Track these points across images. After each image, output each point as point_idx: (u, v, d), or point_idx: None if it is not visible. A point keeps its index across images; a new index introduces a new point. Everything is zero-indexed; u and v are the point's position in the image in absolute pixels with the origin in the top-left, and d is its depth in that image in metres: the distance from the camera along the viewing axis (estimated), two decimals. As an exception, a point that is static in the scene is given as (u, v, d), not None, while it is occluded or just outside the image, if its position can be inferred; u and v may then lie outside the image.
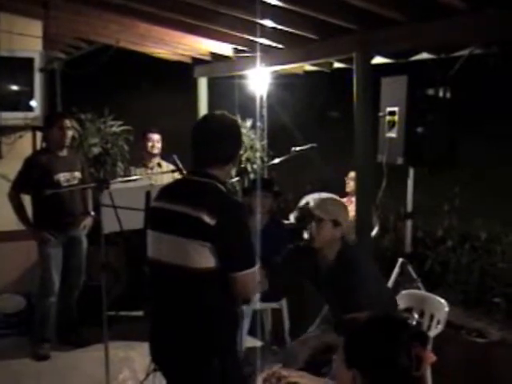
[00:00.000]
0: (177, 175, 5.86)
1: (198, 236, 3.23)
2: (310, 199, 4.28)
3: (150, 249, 3.52)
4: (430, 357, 2.30)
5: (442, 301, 5.17)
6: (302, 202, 4.30)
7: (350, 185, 7.66)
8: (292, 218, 4.34)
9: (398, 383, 2.25)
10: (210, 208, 3.23)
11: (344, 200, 7.40)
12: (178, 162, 5.56)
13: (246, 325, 6.10)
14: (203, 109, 9.56)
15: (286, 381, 3.29)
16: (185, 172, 5.36)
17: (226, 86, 9.34)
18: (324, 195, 4.32)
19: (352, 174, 7.40)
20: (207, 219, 3.20)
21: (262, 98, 8.08)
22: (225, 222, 3.22)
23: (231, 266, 3.28)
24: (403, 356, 2.24)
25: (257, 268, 3.33)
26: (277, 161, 7.14)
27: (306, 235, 4.23)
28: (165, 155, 7.65)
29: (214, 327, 3.36)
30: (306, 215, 4.20)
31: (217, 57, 8.70)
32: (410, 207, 6.32)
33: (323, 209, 4.19)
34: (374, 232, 7.32)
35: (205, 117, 3.79)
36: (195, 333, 3.35)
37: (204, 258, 3.23)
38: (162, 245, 3.44)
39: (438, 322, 5.14)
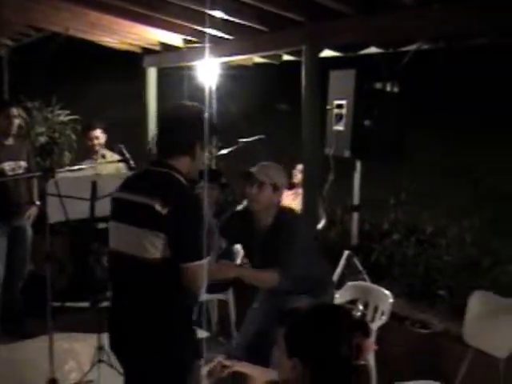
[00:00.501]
0: (122, 165, 5.81)
1: (153, 226, 3.22)
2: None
3: (111, 239, 3.50)
4: (371, 346, 2.32)
5: (387, 292, 5.24)
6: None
7: (298, 177, 7.68)
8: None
9: (338, 372, 2.27)
10: (163, 197, 3.22)
11: (291, 192, 7.47)
12: (125, 152, 5.50)
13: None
14: (152, 99, 9.51)
15: (230, 370, 3.30)
16: (131, 162, 5.33)
17: (175, 77, 9.30)
18: (266, 162, 4.44)
19: (300, 167, 7.42)
20: (159, 208, 3.19)
21: (210, 90, 8.05)
22: (176, 211, 3.20)
23: (182, 257, 3.25)
24: (344, 345, 2.26)
25: (207, 260, 3.29)
26: (224, 152, 7.14)
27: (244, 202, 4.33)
28: (113, 145, 7.58)
29: (169, 317, 3.34)
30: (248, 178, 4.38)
31: (166, 47, 8.65)
32: (356, 200, 6.37)
33: (265, 173, 4.36)
34: (321, 224, 7.37)
35: (171, 106, 3.73)
36: (151, 323, 3.33)
37: (158, 248, 3.22)
38: (120, 235, 3.43)
39: (383, 313, 5.20)
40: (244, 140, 6.95)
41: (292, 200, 7.46)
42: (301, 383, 2.32)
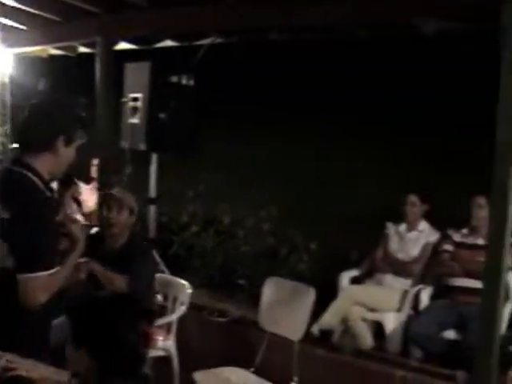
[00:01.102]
0: None
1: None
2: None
3: None
4: (156, 333, 2.34)
5: (185, 283, 5.30)
6: None
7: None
8: None
9: (126, 359, 2.27)
10: (8, 201, 2.91)
11: (89, 186, 7.32)
12: None
13: None
14: None
15: (14, 373, 3.13)
16: None
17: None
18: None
19: (96, 161, 7.28)
20: (2, 212, 2.88)
21: (3, 81, 7.74)
22: (17, 216, 2.88)
23: (18, 267, 2.89)
24: (131, 332, 2.26)
25: (46, 273, 2.89)
26: (16, 145, 6.87)
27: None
28: None
29: (21, 331, 2.99)
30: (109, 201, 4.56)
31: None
32: (153, 193, 6.38)
33: (125, 197, 4.57)
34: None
35: (32, 98, 3.41)
36: (8, 336, 3.05)
37: (4, 256, 2.90)
38: None
39: (182, 304, 5.25)
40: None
41: (91, 195, 7.32)
42: (90, 375, 2.29)
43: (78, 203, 5.68)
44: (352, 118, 7.00)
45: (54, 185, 3.41)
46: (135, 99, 5.94)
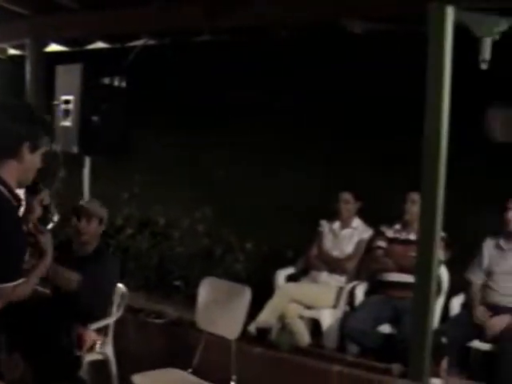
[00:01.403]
0: None
1: None
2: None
3: None
4: (91, 336, 2.33)
5: (121, 286, 5.26)
6: None
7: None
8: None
9: (60, 362, 2.25)
10: None
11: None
12: None
13: None
14: None
15: None
16: None
17: None
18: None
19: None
20: None
21: None
22: None
23: None
24: (66, 336, 2.25)
25: (11, 285, 2.81)
26: None
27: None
28: None
29: None
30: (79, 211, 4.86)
31: None
32: (86, 196, 6.32)
33: (94, 208, 4.91)
34: (52, 224, 7.17)
35: None
36: None
37: None
38: None
39: (118, 307, 5.21)
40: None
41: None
42: (25, 380, 2.28)
43: (47, 210, 5.61)
44: (285, 117, 7.06)
45: (21, 192, 3.32)
46: (67, 102, 5.87)
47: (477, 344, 5.12)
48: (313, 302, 5.83)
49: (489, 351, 5.05)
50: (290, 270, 6.21)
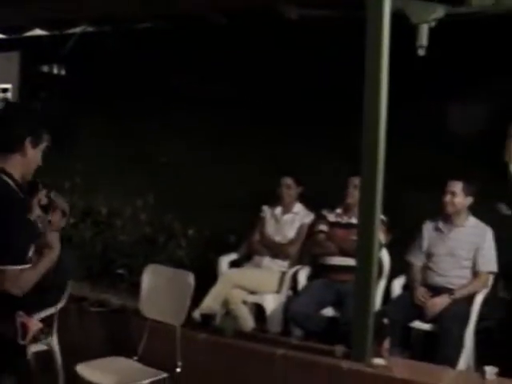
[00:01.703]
0: None
1: None
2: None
3: None
4: (35, 324, 2.33)
5: (64, 275, 5.22)
6: None
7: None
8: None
9: (3, 353, 2.25)
10: None
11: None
12: None
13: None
14: None
15: None
16: None
17: None
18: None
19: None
20: None
21: None
22: None
23: None
24: (8, 325, 2.24)
25: (17, 268, 2.99)
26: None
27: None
28: None
29: None
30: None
31: None
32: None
33: (56, 200, 4.57)
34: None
35: None
36: None
37: None
38: None
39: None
40: None
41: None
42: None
43: (45, 210, 5.62)
44: (226, 103, 7.08)
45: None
46: (5, 90, 5.81)
47: (418, 324, 5.24)
48: (256, 287, 5.86)
49: (429, 331, 5.18)
50: (233, 256, 6.23)
